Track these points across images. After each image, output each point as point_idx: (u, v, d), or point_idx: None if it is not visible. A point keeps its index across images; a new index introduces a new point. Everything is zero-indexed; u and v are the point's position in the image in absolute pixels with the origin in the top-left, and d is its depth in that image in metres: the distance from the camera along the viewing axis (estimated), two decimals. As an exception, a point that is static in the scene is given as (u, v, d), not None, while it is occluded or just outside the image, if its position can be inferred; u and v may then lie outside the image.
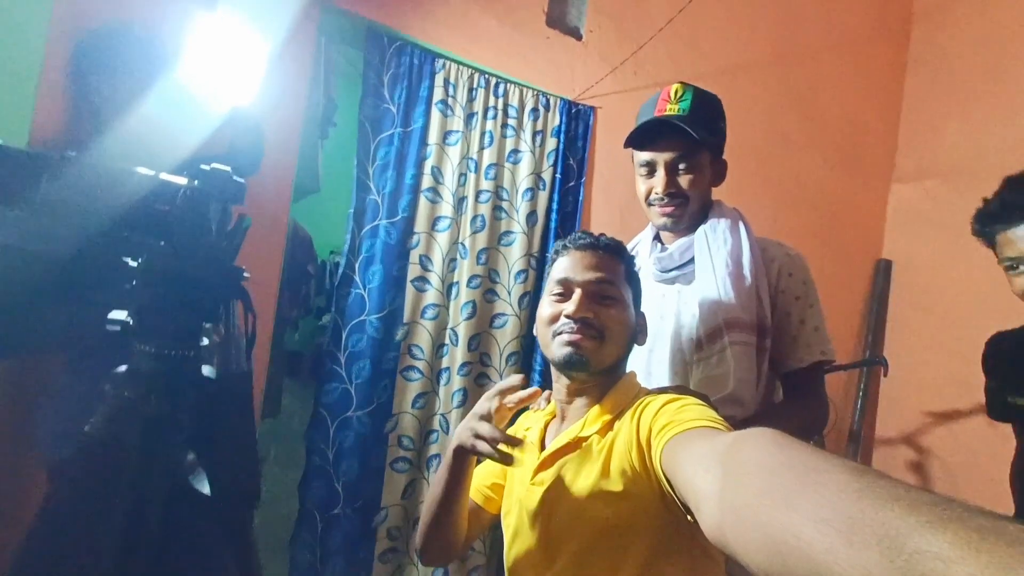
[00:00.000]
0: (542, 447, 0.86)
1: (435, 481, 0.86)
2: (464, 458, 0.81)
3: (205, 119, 1.04)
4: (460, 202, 1.77)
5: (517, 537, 0.83)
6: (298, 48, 1.54)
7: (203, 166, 0.65)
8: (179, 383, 0.64)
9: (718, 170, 1.10)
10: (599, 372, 0.80)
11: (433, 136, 1.71)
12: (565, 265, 0.85)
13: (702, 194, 1.07)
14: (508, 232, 1.84)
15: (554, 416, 0.90)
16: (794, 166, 2.48)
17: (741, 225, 1.06)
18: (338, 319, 1.65)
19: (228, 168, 0.66)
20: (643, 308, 0.94)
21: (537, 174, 1.87)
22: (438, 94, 1.71)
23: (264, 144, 1.17)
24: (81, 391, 0.73)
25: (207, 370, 0.70)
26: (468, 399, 1.73)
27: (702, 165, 1.05)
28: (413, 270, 1.70)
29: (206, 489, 0.68)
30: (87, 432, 0.62)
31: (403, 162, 1.68)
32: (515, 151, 1.84)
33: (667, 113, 1.02)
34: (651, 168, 1.05)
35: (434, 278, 1.73)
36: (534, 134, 1.86)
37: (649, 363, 1.07)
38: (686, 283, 1.07)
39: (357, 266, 1.65)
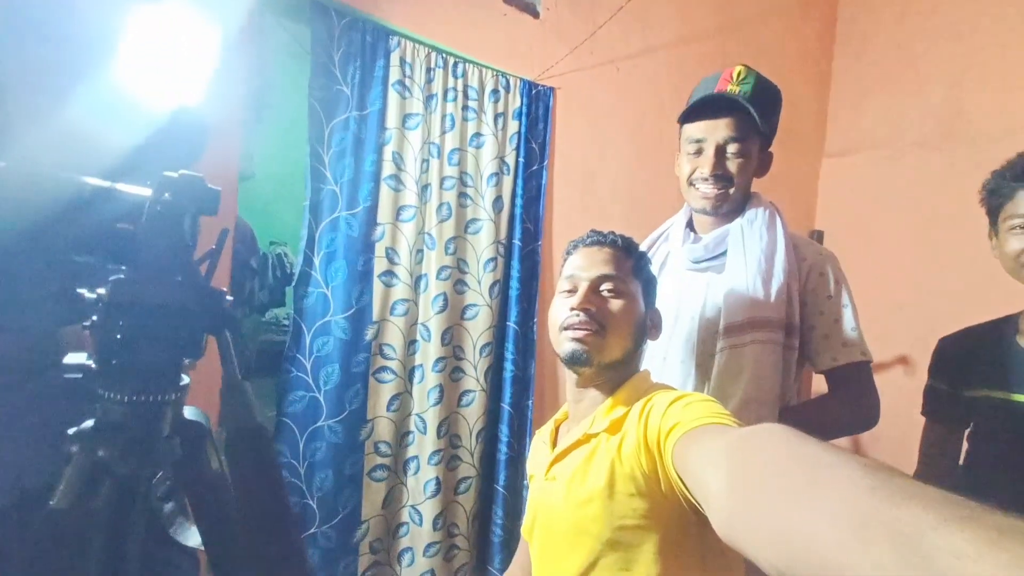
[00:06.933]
0: (554, 447, 0.87)
1: None
2: None
3: (140, 113, 0.88)
4: (424, 189, 1.67)
5: (538, 535, 0.83)
6: (238, 27, 1.35)
7: (169, 173, 0.52)
8: (159, 434, 0.52)
9: (764, 161, 1.08)
10: (605, 366, 0.80)
11: (392, 120, 1.59)
12: (573, 263, 0.86)
13: (747, 182, 1.05)
14: (475, 220, 1.77)
15: (566, 418, 0.91)
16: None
17: (778, 221, 1.05)
18: (299, 321, 1.52)
19: (201, 175, 0.54)
20: (670, 293, 0.93)
21: (500, 158, 1.80)
22: (394, 74, 1.58)
23: (208, 138, 1.00)
24: (31, 453, 0.59)
25: (190, 412, 0.59)
26: (444, 396, 1.67)
27: (752, 152, 1.03)
28: (380, 264, 1.59)
29: (194, 540, 0.58)
30: (54, 507, 0.49)
31: (361, 148, 1.55)
32: (477, 135, 1.76)
33: (728, 93, 0.99)
34: (700, 147, 1.02)
35: (402, 271, 1.63)
36: (495, 116, 1.78)
37: (668, 348, 1.05)
38: (717, 273, 1.05)
39: (317, 263, 1.52)
